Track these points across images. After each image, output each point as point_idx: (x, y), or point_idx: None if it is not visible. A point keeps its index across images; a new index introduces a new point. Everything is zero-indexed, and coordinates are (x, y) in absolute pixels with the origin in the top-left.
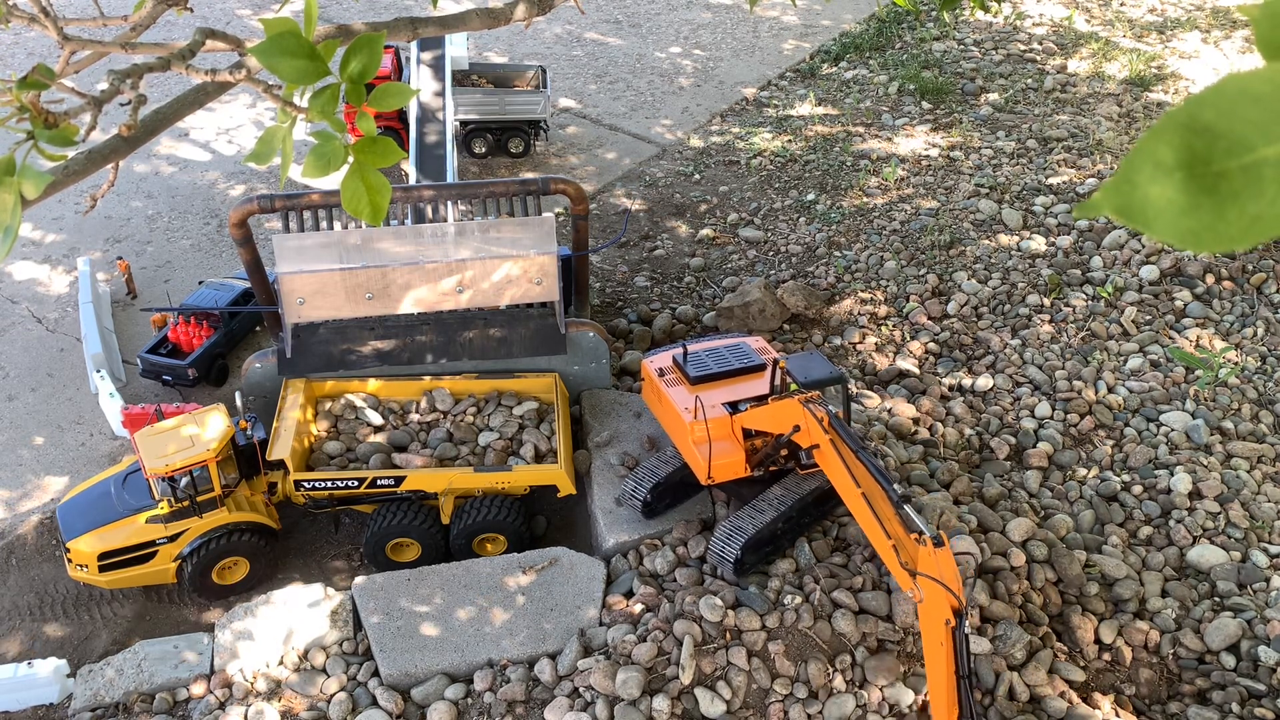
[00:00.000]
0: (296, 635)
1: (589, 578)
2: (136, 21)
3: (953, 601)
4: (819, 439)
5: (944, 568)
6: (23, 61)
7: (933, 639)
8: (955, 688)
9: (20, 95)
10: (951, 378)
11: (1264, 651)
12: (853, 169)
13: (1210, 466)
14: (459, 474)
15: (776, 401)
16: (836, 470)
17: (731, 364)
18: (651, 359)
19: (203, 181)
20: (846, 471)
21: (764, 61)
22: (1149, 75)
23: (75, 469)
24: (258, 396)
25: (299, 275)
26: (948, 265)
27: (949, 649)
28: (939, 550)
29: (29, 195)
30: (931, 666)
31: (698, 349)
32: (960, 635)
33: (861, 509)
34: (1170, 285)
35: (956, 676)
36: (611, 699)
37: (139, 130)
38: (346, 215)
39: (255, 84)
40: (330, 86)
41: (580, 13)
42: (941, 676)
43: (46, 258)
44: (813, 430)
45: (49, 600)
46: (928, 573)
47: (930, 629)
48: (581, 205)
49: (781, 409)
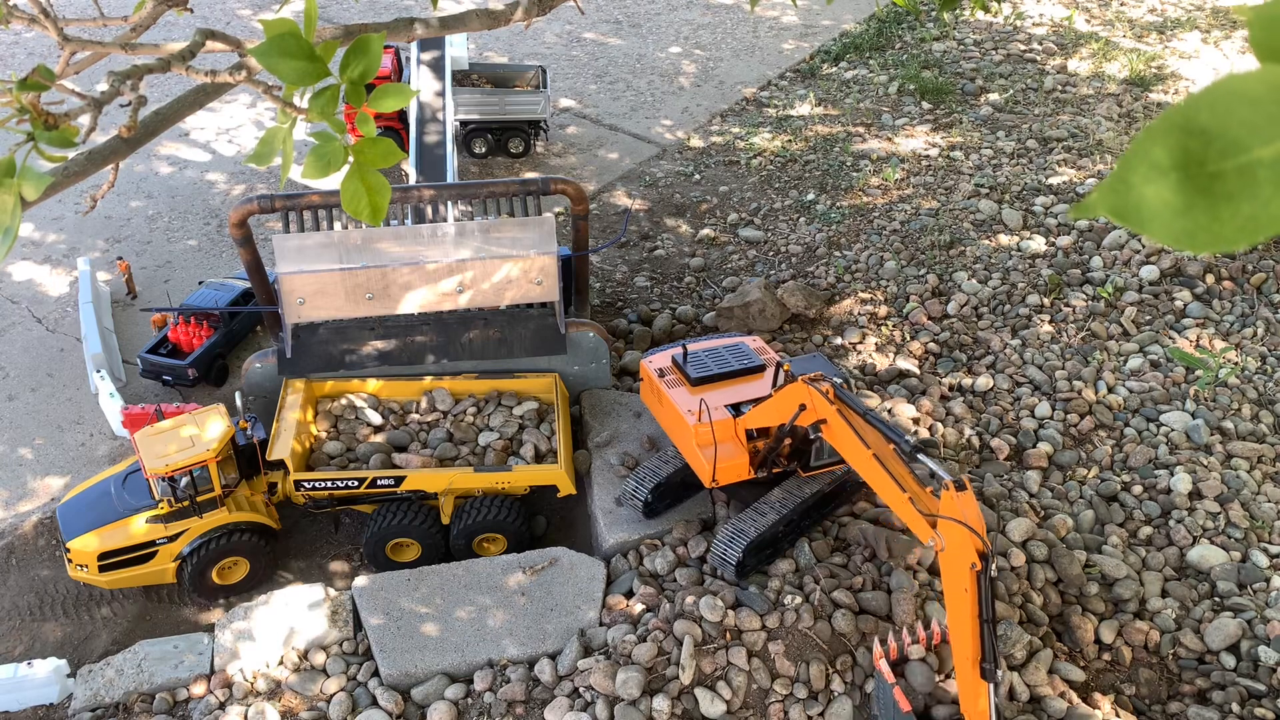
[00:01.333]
0: (296, 635)
1: (589, 578)
2: (136, 22)
3: (977, 544)
4: (825, 413)
5: (967, 510)
6: (23, 62)
7: (956, 586)
8: (979, 632)
9: (20, 96)
10: (951, 378)
11: (1264, 651)
12: (853, 169)
13: (1210, 466)
14: (459, 474)
15: (779, 391)
16: (846, 439)
17: (732, 365)
18: (650, 359)
19: (203, 181)
20: (856, 437)
21: (764, 61)
22: (1149, 75)
23: (75, 469)
24: (258, 396)
25: (299, 275)
26: (948, 265)
27: (973, 594)
28: (961, 494)
29: (29, 196)
30: (955, 613)
31: (697, 349)
32: (985, 579)
33: (875, 470)
34: (1170, 285)
35: (980, 621)
36: (611, 699)
37: (139, 131)
38: (347, 215)
39: (255, 85)
40: (330, 87)
41: (580, 13)
42: (966, 622)
43: (46, 258)
44: (818, 405)
45: (49, 600)
46: (950, 515)
47: (954, 576)
48: (581, 205)
49: (785, 395)
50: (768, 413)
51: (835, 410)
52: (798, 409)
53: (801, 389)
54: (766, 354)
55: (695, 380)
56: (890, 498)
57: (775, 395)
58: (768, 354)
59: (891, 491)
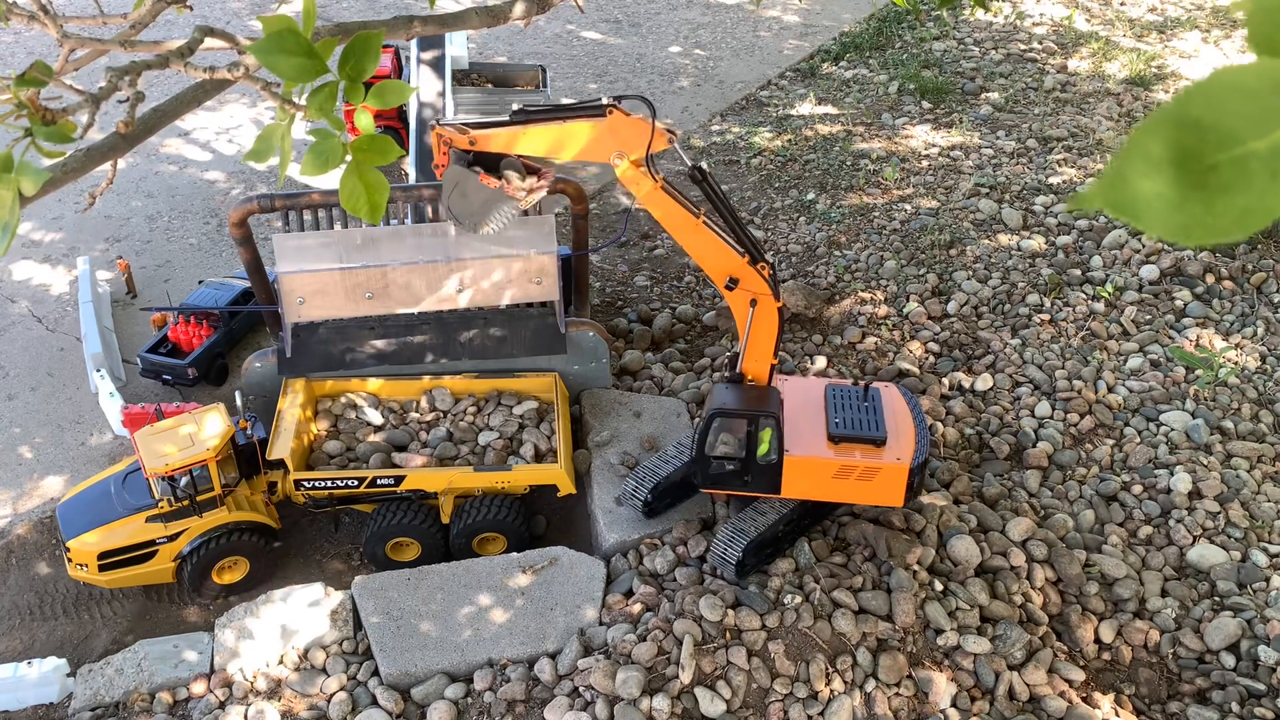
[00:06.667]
0: (296, 635)
1: (589, 577)
2: (136, 19)
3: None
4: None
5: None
6: (23, 60)
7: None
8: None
9: (19, 92)
10: (951, 377)
11: (1264, 651)
12: (853, 168)
13: (1210, 466)
14: (459, 473)
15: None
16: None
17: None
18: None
19: (203, 181)
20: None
21: (764, 61)
22: (1149, 75)
23: (75, 469)
24: (258, 396)
25: (299, 275)
26: (948, 265)
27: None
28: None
29: (27, 192)
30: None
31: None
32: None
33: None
34: (1170, 285)
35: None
36: (611, 698)
37: (137, 128)
38: (347, 215)
39: (254, 82)
40: (329, 84)
41: (580, 12)
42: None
43: (46, 257)
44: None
45: (49, 600)
46: (752, 288)
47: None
48: (581, 205)
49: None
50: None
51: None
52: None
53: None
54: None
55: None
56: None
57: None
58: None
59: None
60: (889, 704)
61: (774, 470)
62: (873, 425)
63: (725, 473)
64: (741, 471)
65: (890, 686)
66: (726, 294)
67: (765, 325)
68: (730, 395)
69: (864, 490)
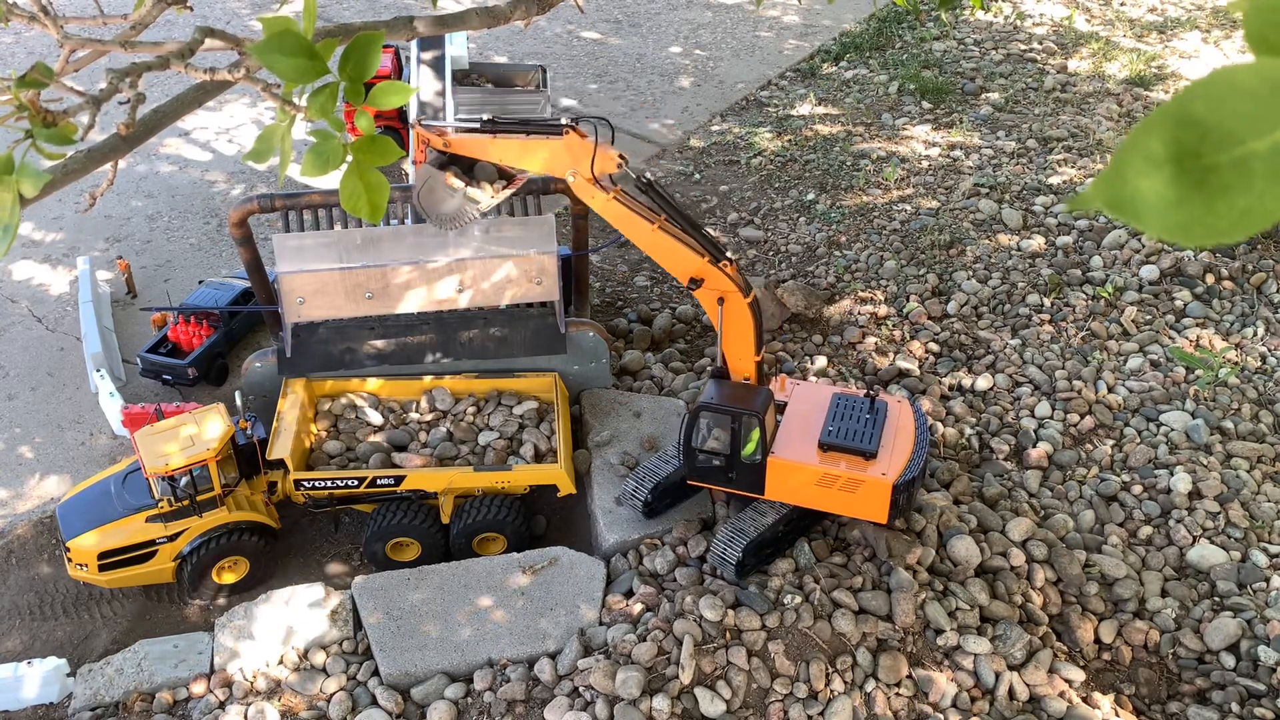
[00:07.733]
0: (296, 635)
1: (589, 577)
2: (136, 20)
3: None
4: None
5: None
6: (23, 60)
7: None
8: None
9: (19, 94)
10: (951, 377)
11: (1264, 651)
12: (853, 169)
13: (1210, 466)
14: (459, 473)
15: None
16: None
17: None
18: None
19: (203, 181)
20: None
21: (764, 61)
22: (1149, 75)
23: (75, 469)
24: (258, 396)
25: (299, 275)
26: (948, 265)
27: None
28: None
29: (27, 193)
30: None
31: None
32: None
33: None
34: (1170, 285)
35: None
36: (611, 698)
37: (137, 129)
38: (347, 215)
39: (254, 83)
40: (329, 85)
41: (580, 12)
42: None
43: (46, 257)
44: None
45: (49, 600)
46: (716, 287)
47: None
48: (581, 205)
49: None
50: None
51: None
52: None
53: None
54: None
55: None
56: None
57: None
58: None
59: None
60: (889, 704)
61: (758, 470)
62: (866, 438)
63: (711, 467)
64: (726, 468)
65: (890, 687)
66: (694, 293)
67: (738, 321)
68: (718, 391)
69: (847, 502)
